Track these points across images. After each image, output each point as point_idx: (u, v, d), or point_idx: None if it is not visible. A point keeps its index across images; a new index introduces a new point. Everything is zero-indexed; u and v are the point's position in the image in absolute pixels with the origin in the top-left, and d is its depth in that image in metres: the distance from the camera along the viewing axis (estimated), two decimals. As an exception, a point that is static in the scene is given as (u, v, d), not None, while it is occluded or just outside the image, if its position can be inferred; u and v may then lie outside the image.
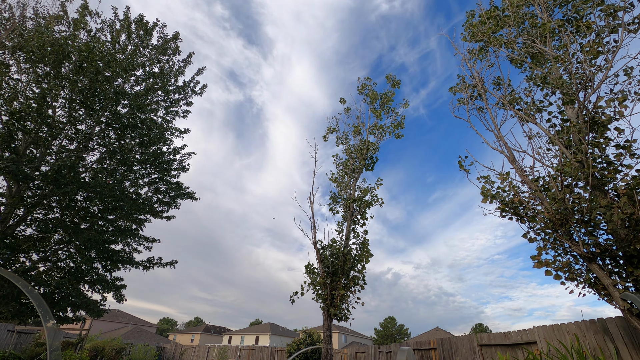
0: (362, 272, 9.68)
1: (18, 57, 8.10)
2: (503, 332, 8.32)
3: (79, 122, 8.67)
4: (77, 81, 8.12)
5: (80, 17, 9.78)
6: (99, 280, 9.17)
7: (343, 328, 48.71)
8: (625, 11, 5.14)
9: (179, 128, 11.89)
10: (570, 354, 5.73)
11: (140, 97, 10.14)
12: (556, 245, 4.87)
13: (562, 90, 5.27)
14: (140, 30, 10.82)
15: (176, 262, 10.68)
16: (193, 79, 12.38)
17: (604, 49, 5.09)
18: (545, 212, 4.67)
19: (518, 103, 6.50)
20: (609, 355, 5.70)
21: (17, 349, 14.17)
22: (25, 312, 7.57)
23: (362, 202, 10.88)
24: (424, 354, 11.14)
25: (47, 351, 3.19)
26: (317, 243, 10.03)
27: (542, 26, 5.82)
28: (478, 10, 7.64)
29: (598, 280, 4.45)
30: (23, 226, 8.40)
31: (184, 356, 24.74)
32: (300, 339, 19.90)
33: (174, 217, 11.28)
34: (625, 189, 4.31)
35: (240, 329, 51.55)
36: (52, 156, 8.73)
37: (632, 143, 4.66)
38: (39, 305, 3.34)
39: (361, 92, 12.98)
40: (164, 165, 10.70)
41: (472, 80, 7.28)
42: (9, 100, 7.50)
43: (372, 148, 12.02)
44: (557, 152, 5.32)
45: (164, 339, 42.53)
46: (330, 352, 8.83)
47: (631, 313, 3.98)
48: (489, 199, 5.44)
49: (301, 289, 9.55)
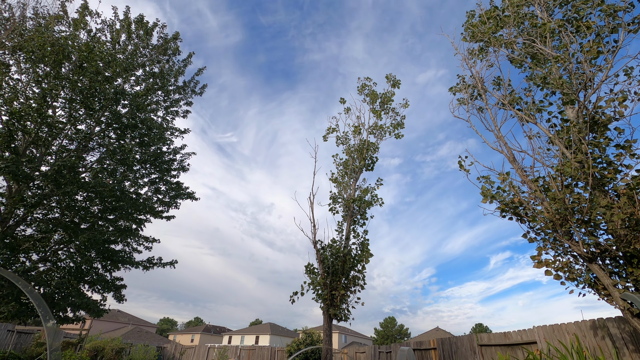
0: (362, 272, 9.67)
1: (18, 57, 8.10)
2: (503, 332, 8.32)
3: (79, 122, 8.67)
4: (77, 81, 8.12)
5: (80, 17, 9.77)
6: (99, 280, 9.17)
7: (343, 328, 48.70)
8: (625, 11, 5.13)
9: (179, 128, 11.89)
10: (570, 354, 5.73)
11: (140, 97, 10.14)
12: (556, 245, 4.87)
13: (562, 90, 5.27)
14: (140, 30, 10.82)
15: (176, 262, 10.68)
16: (193, 78, 12.39)
17: (604, 49, 5.08)
18: (545, 212, 4.67)
19: (518, 103, 6.50)
20: (609, 355, 5.70)
21: (17, 349, 14.17)
22: (25, 312, 7.56)
23: (362, 202, 10.88)
24: (424, 354, 11.14)
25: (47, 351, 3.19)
26: (317, 243, 10.03)
27: (542, 26, 5.82)
28: (478, 11, 7.64)
29: (598, 280, 4.45)
30: (23, 226, 8.40)
31: (184, 356, 24.74)
32: (300, 339, 19.90)
33: (174, 217, 11.28)
34: (625, 189, 4.31)
35: (240, 329, 51.55)
36: (52, 156, 8.73)
37: (632, 143, 4.66)
38: (39, 305, 3.34)
39: (361, 92, 12.98)
40: (164, 165, 10.71)
41: (472, 80, 7.28)
42: (9, 100, 7.50)
43: (372, 148, 12.02)
44: (557, 152, 5.32)
45: (164, 339, 42.53)
46: (330, 352, 8.83)
47: (631, 313, 3.98)
48: (489, 199, 5.44)
49: (301, 289, 9.55)
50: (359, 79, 13.01)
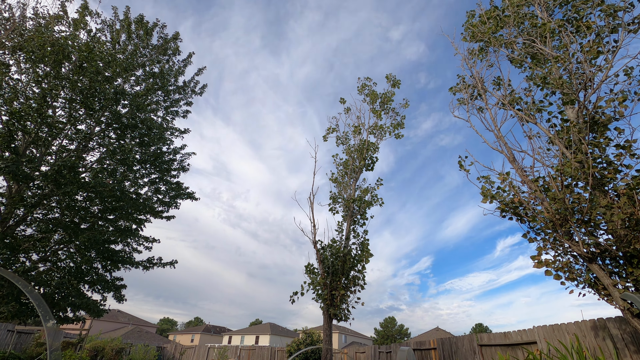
0: (362, 272, 9.68)
1: (18, 57, 8.10)
2: (503, 332, 8.32)
3: (79, 122, 8.67)
4: (77, 81, 8.12)
5: (80, 17, 9.77)
6: (99, 280, 9.17)
7: (343, 328, 48.69)
8: (625, 11, 5.13)
9: (179, 128, 11.90)
10: (570, 354, 5.73)
11: (140, 97, 10.14)
12: (556, 245, 4.87)
13: (562, 90, 5.27)
14: (140, 30, 10.83)
15: (176, 262, 10.68)
16: (193, 79, 12.38)
17: (604, 49, 5.08)
18: (545, 212, 4.67)
19: (518, 103, 6.50)
20: (609, 355, 5.70)
21: (17, 349, 14.17)
22: (25, 312, 7.56)
23: (362, 202, 10.88)
24: (424, 354, 11.14)
25: (47, 351, 3.20)
26: (317, 243, 10.03)
27: (542, 26, 5.82)
28: (478, 11, 7.64)
29: (598, 280, 4.45)
30: (23, 226, 8.40)
31: (184, 356, 24.73)
32: (300, 339, 19.90)
33: (174, 217, 11.28)
34: (625, 189, 4.31)
35: (240, 329, 51.56)
36: (52, 156, 8.73)
37: (632, 143, 4.66)
38: (39, 305, 3.34)
39: (361, 92, 12.98)
40: (164, 165, 10.71)
41: (472, 80, 7.28)
42: (9, 100, 7.50)
43: (372, 148, 12.02)
44: (557, 152, 5.32)
45: (164, 339, 42.53)
46: (330, 352, 8.83)
47: (631, 313, 3.98)
48: (489, 199, 5.44)
49: (301, 289, 9.55)
50: (359, 79, 13.03)
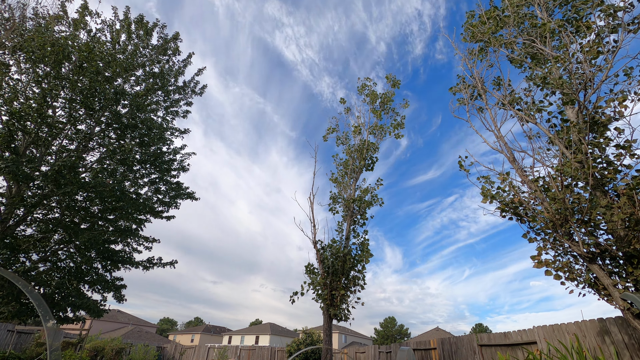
0: (362, 272, 9.68)
1: (18, 57, 8.10)
2: (503, 332, 8.32)
3: (79, 122, 8.67)
4: (77, 81, 8.12)
5: (80, 17, 9.77)
6: (99, 281, 9.17)
7: (343, 328, 48.68)
8: (625, 11, 5.13)
9: (179, 128, 11.90)
10: (570, 354, 5.73)
11: (140, 97, 10.14)
12: (556, 245, 4.87)
13: (562, 90, 5.27)
14: (140, 31, 10.82)
15: (176, 262, 10.68)
16: (193, 79, 12.38)
17: (604, 49, 5.08)
18: (545, 212, 4.67)
19: (518, 103, 6.50)
20: (609, 355, 5.70)
21: (17, 349, 14.17)
22: (25, 312, 7.57)
23: (362, 202, 10.88)
24: (424, 354, 11.14)
25: (47, 351, 3.20)
26: (317, 243, 10.03)
27: (542, 26, 5.82)
28: (478, 11, 7.64)
29: (598, 280, 4.45)
30: (23, 226, 8.40)
31: (184, 356, 24.73)
32: (300, 339, 19.91)
33: (174, 217, 11.28)
34: (625, 189, 4.31)
35: (240, 329, 51.53)
36: (52, 156, 8.73)
37: (632, 143, 4.66)
38: (39, 305, 3.34)
39: (361, 92, 12.99)
40: (164, 165, 10.71)
41: (472, 81, 7.28)
42: (9, 100, 7.50)
43: (372, 148, 12.03)
44: (557, 152, 5.32)
45: (164, 339, 42.51)
46: (330, 352, 8.83)
47: (631, 313, 3.98)
48: (489, 199, 5.44)
49: (301, 289, 9.56)
50: (359, 79, 13.03)
